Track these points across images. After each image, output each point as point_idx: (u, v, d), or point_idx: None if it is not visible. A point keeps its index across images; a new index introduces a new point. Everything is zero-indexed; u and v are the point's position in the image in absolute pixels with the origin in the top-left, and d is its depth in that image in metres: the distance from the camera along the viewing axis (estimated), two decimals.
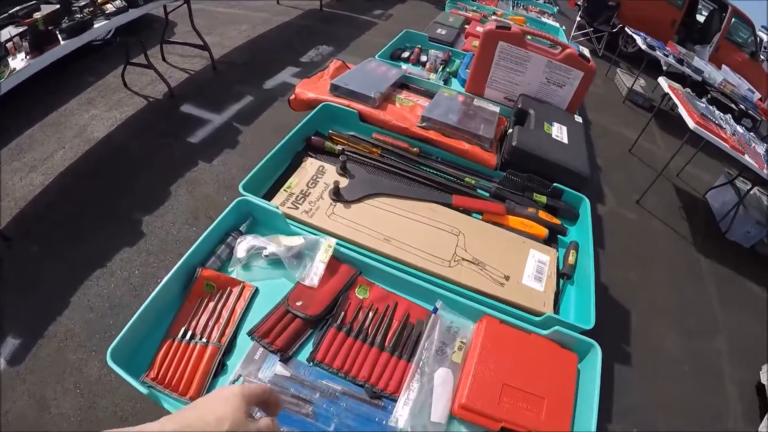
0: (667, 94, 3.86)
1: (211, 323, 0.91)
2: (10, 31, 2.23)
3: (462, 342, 0.94)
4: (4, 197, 2.45)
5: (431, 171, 1.35)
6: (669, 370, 2.52)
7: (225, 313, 0.93)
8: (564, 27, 3.50)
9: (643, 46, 5.40)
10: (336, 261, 1.02)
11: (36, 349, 1.88)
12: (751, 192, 3.65)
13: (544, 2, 4.27)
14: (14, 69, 2.16)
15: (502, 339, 0.94)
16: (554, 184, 1.36)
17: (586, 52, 2.42)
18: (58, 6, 2.39)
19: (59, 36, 2.37)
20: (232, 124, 3.27)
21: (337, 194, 1.14)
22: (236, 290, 0.97)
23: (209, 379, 0.84)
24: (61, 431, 1.68)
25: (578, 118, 1.69)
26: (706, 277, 3.31)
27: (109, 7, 2.65)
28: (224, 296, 0.96)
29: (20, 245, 2.24)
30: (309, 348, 0.91)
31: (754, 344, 2.88)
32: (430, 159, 1.39)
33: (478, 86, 1.77)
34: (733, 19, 7.50)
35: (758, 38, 8.36)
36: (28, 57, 2.23)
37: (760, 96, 5.49)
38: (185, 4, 3.54)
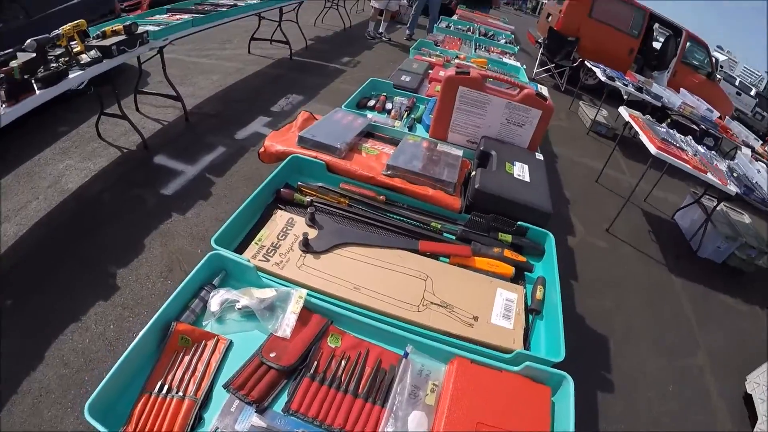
0: (628, 122, 4.01)
1: (187, 377, 0.92)
2: None
3: (434, 384, 0.97)
4: None
5: (398, 218, 1.40)
6: (654, 391, 2.53)
7: (200, 367, 0.94)
8: (525, 66, 3.65)
9: (603, 78, 5.62)
10: (307, 311, 1.05)
11: (10, 405, 1.82)
12: (717, 208, 3.75)
13: (505, 43, 4.48)
14: None
15: (474, 379, 0.96)
16: (518, 222, 1.41)
17: (544, 90, 2.53)
18: (35, 54, 2.38)
19: (35, 85, 2.36)
20: (205, 176, 3.28)
21: (306, 245, 1.17)
22: (211, 343, 0.98)
23: None
24: None
25: (539, 156, 1.76)
26: (681, 296, 3.38)
27: (84, 57, 2.66)
28: (199, 350, 0.97)
29: None
30: (284, 398, 0.93)
31: (736, 355, 2.95)
32: (396, 206, 1.44)
33: (441, 131, 1.84)
34: (688, 43, 7.89)
35: (713, 59, 8.79)
36: (4, 105, 2.22)
37: (718, 114, 5.73)
38: (158, 55, 3.58)
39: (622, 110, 4.21)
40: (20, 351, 2.01)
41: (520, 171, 1.58)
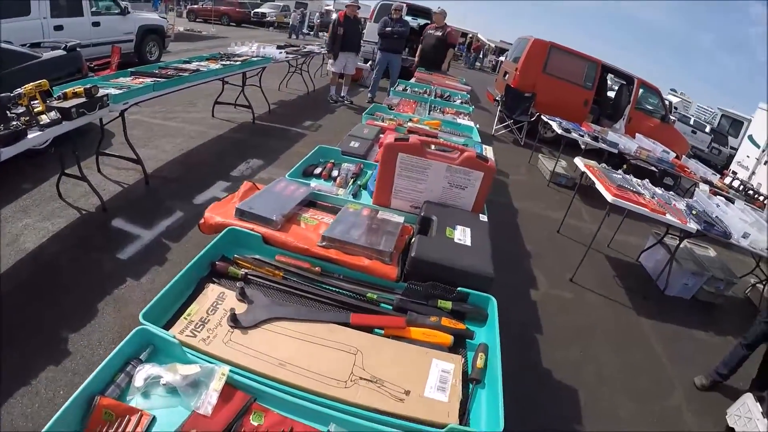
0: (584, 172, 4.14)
1: None
2: None
3: None
4: None
5: (333, 289, 1.39)
6: None
7: None
8: (478, 125, 3.74)
9: (559, 131, 5.85)
10: (231, 388, 1.02)
11: None
12: (681, 246, 3.81)
13: (460, 103, 4.63)
14: None
15: None
16: (459, 288, 1.40)
17: (489, 152, 2.60)
18: None
19: None
20: (162, 241, 3.26)
21: (234, 321, 1.16)
22: (134, 419, 0.95)
23: None
24: None
25: (483, 217, 1.77)
26: (651, 337, 3.41)
27: (44, 118, 2.68)
28: (122, 425, 0.93)
29: None
30: None
31: (714, 390, 2.97)
32: (332, 277, 1.43)
33: (384, 198, 1.86)
34: (640, 90, 8.31)
35: (667, 102, 9.25)
36: None
37: (675, 155, 5.98)
38: (120, 117, 3.60)
39: (578, 161, 4.36)
40: None
41: (462, 235, 1.59)
